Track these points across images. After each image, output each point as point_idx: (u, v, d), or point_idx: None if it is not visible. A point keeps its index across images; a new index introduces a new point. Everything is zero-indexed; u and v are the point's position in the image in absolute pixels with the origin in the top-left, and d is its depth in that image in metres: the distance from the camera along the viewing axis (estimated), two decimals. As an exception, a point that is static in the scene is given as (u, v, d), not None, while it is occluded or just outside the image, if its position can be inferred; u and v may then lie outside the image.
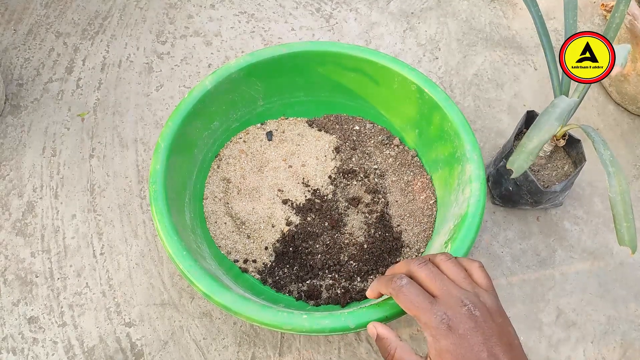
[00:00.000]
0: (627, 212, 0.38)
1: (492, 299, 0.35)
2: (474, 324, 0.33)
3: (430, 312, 0.33)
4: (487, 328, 0.33)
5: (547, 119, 0.41)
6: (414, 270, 0.36)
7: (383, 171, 0.57)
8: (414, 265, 0.36)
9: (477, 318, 0.33)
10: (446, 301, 0.33)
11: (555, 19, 0.75)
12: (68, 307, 0.51)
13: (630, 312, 0.54)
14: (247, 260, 0.52)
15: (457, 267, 0.36)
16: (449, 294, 0.34)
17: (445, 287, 0.34)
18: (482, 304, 0.34)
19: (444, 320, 0.33)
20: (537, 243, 0.57)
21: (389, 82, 0.54)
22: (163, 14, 0.72)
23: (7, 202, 0.56)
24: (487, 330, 0.33)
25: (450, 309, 0.33)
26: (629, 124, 0.66)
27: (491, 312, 0.34)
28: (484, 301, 0.34)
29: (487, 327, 0.33)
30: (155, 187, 0.45)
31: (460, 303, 0.33)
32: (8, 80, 0.64)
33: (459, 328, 0.32)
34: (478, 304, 0.34)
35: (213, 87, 0.51)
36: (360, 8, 0.75)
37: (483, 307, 0.34)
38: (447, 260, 0.36)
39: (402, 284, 0.35)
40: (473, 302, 0.34)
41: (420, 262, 0.36)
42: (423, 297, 0.34)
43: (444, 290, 0.34)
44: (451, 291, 0.34)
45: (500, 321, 0.34)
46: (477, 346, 0.32)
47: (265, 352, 0.50)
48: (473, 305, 0.33)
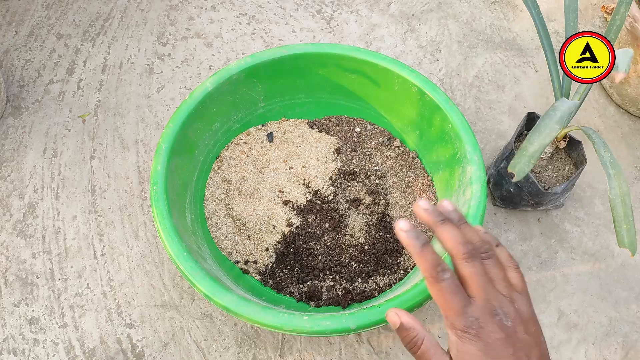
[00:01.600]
0: (627, 214, 0.38)
1: (526, 304, 0.34)
2: (504, 335, 0.32)
3: (462, 315, 0.32)
4: (518, 340, 0.32)
5: (548, 122, 0.41)
6: (459, 262, 0.34)
7: (384, 172, 0.57)
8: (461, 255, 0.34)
9: (509, 329, 0.32)
10: (481, 306, 0.32)
11: (555, 21, 0.75)
12: (69, 308, 0.51)
13: (632, 314, 0.54)
14: (248, 262, 0.52)
15: (498, 266, 0.35)
16: (485, 299, 0.33)
17: (483, 290, 0.33)
18: (516, 312, 0.33)
19: (474, 326, 0.32)
20: (538, 244, 0.57)
21: (390, 84, 0.55)
22: (164, 16, 0.72)
23: (8, 203, 0.56)
24: (517, 343, 0.32)
25: (482, 315, 0.32)
26: (629, 125, 0.66)
27: (524, 322, 0.33)
28: (519, 308, 0.33)
29: (517, 339, 0.32)
30: (156, 189, 0.45)
31: (493, 311, 0.32)
32: (9, 81, 0.65)
33: (489, 337, 0.31)
34: (512, 313, 0.32)
35: (214, 88, 0.51)
36: (361, 10, 0.75)
37: (516, 317, 0.33)
38: (489, 259, 0.35)
39: (443, 277, 0.33)
40: (506, 312, 0.32)
41: (469, 254, 0.34)
42: (459, 298, 0.32)
43: (482, 293, 0.33)
44: (488, 295, 0.33)
45: (533, 330, 0.33)
46: (505, 358, 0.31)
47: (266, 354, 0.50)
48: (505, 315, 0.32)
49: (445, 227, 0.35)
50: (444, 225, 0.35)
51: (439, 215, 0.35)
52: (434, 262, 0.33)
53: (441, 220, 0.35)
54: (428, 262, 0.33)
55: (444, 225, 0.35)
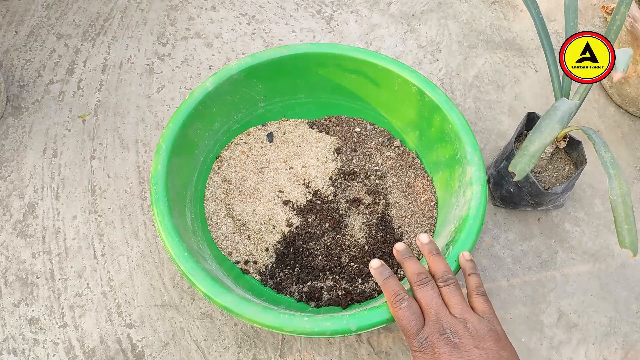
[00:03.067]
0: (628, 215, 0.38)
1: (483, 324, 0.37)
2: (451, 348, 0.35)
3: (414, 337, 0.36)
4: (465, 353, 0.35)
5: (549, 122, 0.41)
6: (414, 288, 0.39)
7: (384, 172, 0.57)
8: (414, 282, 0.39)
9: (456, 344, 0.36)
10: (431, 326, 0.37)
11: (555, 21, 0.75)
12: (69, 308, 0.51)
13: (632, 314, 0.54)
14: (248, 262, 0.52)
15: (456, 292, 0.39)
16: (435, 320, 0.37)
17: (434, 312, 0.37)
18: (467, 331, 0.36)
19: (424, 344, 0.36)
20: (538, 244, 0.57)
21: (390, 84, 0.54)
22: (164, 16, 0.72)
23: (8, 203, 0.56)
24: (464, 355, 0.35)
25: (432, 334, 0.36)
26: (629, 125, 0.66)
27: (477, 338, 0.36)
28: (471, 328, 0.36)
29: (465, 351, 0.35)
30: (157, 189, 0.45)
31: (441, 330, 0.36)
32: (9, 81, 0.65)
33: (435, 351, 0.35)
34: (461, 331, 0.36)
35: (214, 88, 0.51)
36: (361, 10, 0.75)
37: (465, 334, 0.36)
38: (447, 286, 0.39)
39: (401, 305, 0.38)
40: (454, 331, 0.36)
41: (421, 281, 0.39)
42: (413, 324, 0.37)
43: (432, 315, 0.37)
44: (439, 317, 0.37)
45: (487, 345, 0.36)
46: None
47: (266, 354, 0.50)
48: (453, 334, 0.36)
49: (408, 261, 0.41)
50: (408, 260, 0.42)
51: (406, 253, 0.43)
52: (394, 292, 0.39)
53: (407, 257, 0.42)
54: (389, 292, 0.39)
55: (407, 260, 0.42)
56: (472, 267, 0.42)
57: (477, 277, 0.41)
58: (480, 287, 0.40)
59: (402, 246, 0.43)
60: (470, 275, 0.41)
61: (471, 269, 0.41)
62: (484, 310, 0.38)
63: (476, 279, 0.41)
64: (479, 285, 0.40)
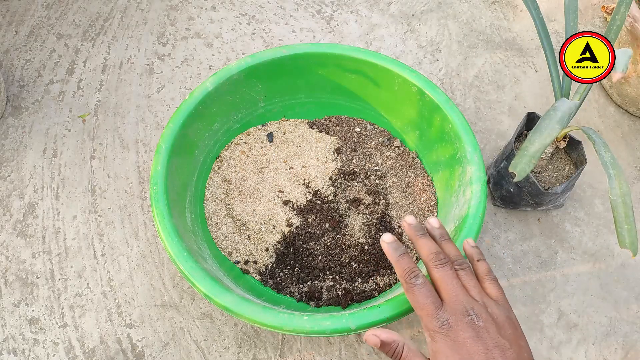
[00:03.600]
0: (628, 215, 0.38)
1: (501, 310, 0.35)
2: (475, 333, 0.33)
3: (433, 317, 0.34)
4: (490, 339, 0.33)
5: (549, 123, 0.41)
6: (431, 268, 0.37)
7: (384, 172, 0.57)
8: (432, 262, 0.37)
9: (480, 328, 0.33)
10: (452, 307, 0.34)
11: (555, 21, 0.75)
12: (69, 308, 0.51)
13: (632, 314, 0.54)
14: (248, 262, 0.52)
15: (472, 277, 0.37)
16: (456, 301, 0.34)
17: (455, 294, 0.35)
18: (489, 315, 0.34)
19: (445, 326, 0.33)
20: (538, 244, 0.57)
21: (390, 84, 0.55)
22: (164, 16, 0.72)
23: (8, 203, 0.56)
24: (489, 342, 0.33)
25: (453, 315, 0.34)
26: (629, 125, 0.66)
27: (498, 324, 0.34)
28: (492, 312, 0.34)
29: (489, 338, 0.33)
30: (156, 189, 0.45)
31: (464, 312, 0.34)
32: (9, 81, 0.65)
33: (458, 335, 0.33)
34: (484, 314, 0.34)
35: (214, 88, 0.51)
36: (361, 10, 0.75)
37: (489, 319, 0.34)
38: (462, 269, 0.37)
39: (416, 282, 0.35)
40: (478, 313, 0.34)
41: (439, 261, 0.37)
42: (431, 301, 0.35)
43: (452, 296, 0.35)
44: (459, 298, 0.35)
45: (509, 334, 0.34)
46: (477, 355, 0.32)
47: (266, 354, 0.50)
48: (477, 316, 0.34)
49: (422, 239, 0.38)
50: (422, 238, 0.38)
51: (420, 229, 0.39)
52: (408, 269, 0.36)
53: (421, 233, 0.39)
54: (403, 269, 0.36)
55: (422, 238, 0.38)
56: (479, 252, 0.40)
57: (486, 262, 0.39)
58: (491, 273, 0.38)
59: (415, 220, 0.39)
60: (478, 262, 0.39)
61: (478, 255, 0.40)
62: (499, 296, 0.37)
63: (485, 265, 0.39)
64: (489, 271, 0.38)
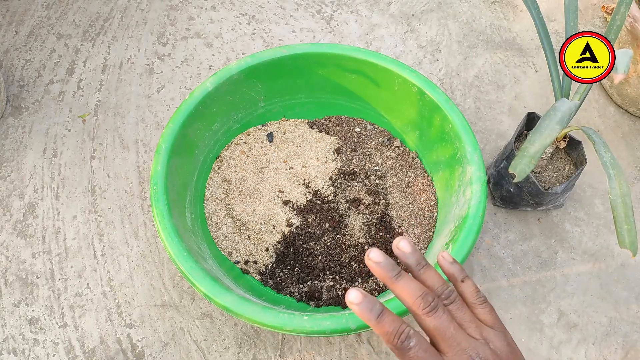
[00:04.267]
0: (628, 215, 0.38)
1: (501, 339, 0.33)
2: None
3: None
4: None
5: (549, 123, 0.41)
6: (422, 318, 0.32)
7: (384, 172, 0.57)
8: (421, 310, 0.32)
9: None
10: (457, 358, 0.31)
11: (555, 21, 0.75)
12: (69, 308, 0.51)
13: (632, 314, 0.54)
14: (248, 262, 0.52)
15: (463, 308, 0.33)
16: (459, 351, 0.31)
17: (456, 343, 0.31)
18: (493, 352, 0.32)
19: None
20: (538, 244, 0.57)
21: (390, 84, 0.54)
22: (164, 16, 0.72)
23: (8, 203, 0.56)
24: None
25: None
26: (629, 125, 0.66)
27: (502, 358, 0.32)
28: (495, 348, 0.32)
29: None
30: (156, 189, 0.45)
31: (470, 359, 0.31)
32: (9, 81, 0.65)
33: None
34: (488, 354, 0.31)
35: (214, 88, 0.51)
36: (361, 10, 0.75)
37: (494, 356, 0.32)
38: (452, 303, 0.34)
39: (409, 345, 0.31)
40: (483, 357, 0.31)
41: (429, 307, 0.32)
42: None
43: (453, 347, 0.31)
44: (461, 346, 0.31)
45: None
46: None
47: (266, 354, 0.50)
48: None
49: (400, 282, 0.33)
50: (399, 280, 0.32)
51: (393, 269, 0.33)
52: (394, 331, 0.31)
53: (395, 275, 0.33)
54: (387, 332, 0.31)
55: (398, 281, 0.32)
56: (460, 269, 0.36)
57: (470, 281, 0.35)
58: (479, 293, 0.35)
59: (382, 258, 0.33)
60: (463, 282, 0.35)
61: (460, 273, 0.35)
62: (494, 321, 0.34)
63: (471, 285, 0.35)
64: (477, 292, 0.35)
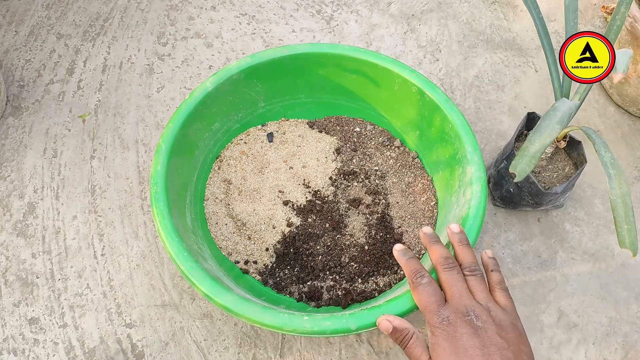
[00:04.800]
0: (628, 215, 0.38)
1: (506, 316, 0.37)
2: (472, 330, 0.35)
3: (435, 313, 0.36)
4: (487, 337, 0.35)
5: (549, 123, 0.41)
6: (439, 270, 0.39)
7: (384, 172, 0.57)
8: (440, 265, 0.39)
9: (478, 327, 0.35)
10: (454, 307, 0.36)
11: (555, 21, 0.75)
12: (69, 308, 0.51)
13: (632, 314, 0.54)
14: (248, 262, 0.52)
15: (481, 282, 0.39)
16: (459, 302, 0.37)
17: (459, 295, 0.37)
18: (490, 317, 0.36)
19: (444, 322, 0.35)
20: (538, 244, 0.57)
21: (390, 84, 0.55)
22: (164, 16, 0.72)
23: (8, 203, 0.56)
24: (486, 340, 0.34)
25: (454, 313, 0.36)
26: (629, 125, 0.66)
27: (499, 326, 0.35)
28: (494, 315, 0.36)
29: (486, 336, 0.35)
30: (156, 189, 0.45)
31: (465, 312, 0.36)
32: (9, 81, 0.65)
33: (457, 331, 0.35)
34: (484, 316, 0.36)
35: (214, 88, 0.51)
36: (361, 10, 0.75)
37: (489, 320, 0.36)
38: (473, 275, 0.39)
39: (421, 282, 0.38)
40: (477, 314, 0.36)
41: (447, 264, 0.39)
42: (434, 299, 0.37)
43: (456, 297, 0.37)
44: (462, 300, 0.37)
45: (509, 337, 0.35)
46: (472, 350, 0.34)
47: (266, 354, 0.50)
48: (476, 317, 0.36)
49: (435, 245, 0.41)
50: (435, 244, 0.41)
51: (433, 237, 0.42)
52: (415, 270, 0.39)
53: (434, 240, 0.42)
54: (410, 269, 0.39)
55: (435, 244, 0.41)
56: (495, 264, 0.42)
57: (500, 273, 0.41)
58: (502, 283, 0.40)
59: (430, 230, 0.43)
60: (492, 272, 0.41)
61: (494, 266, 0.41)
62: (507, 304, 0.38)
63: (499, 275, 0.41)
64: (501, 281, 0.40)
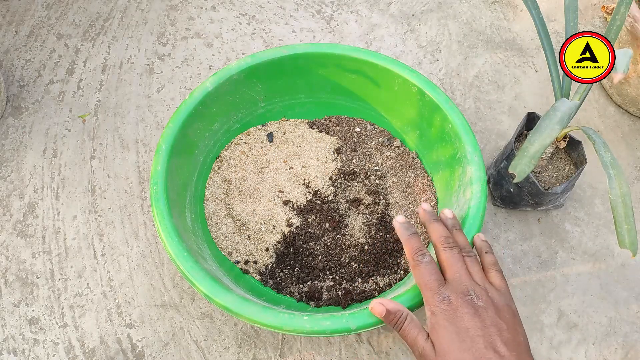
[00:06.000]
0: (628, 215, 0.38)
1: (502, 297, 0.37)
2: (473, 310, 0.35)
3: (435, 292, 0.36)
4: (487, 318, 0.35)
5: (549, 123, 0.41)
6: (440, 249, 0.39)
7: (384, 172, 0.57)
8: (441, 244, 0.39)
9: (479, 307, 0.35)
10: (454, 286, 0.36)
11: (555, 21, 0.75)
12: (69, 308, 0.51)
13: (632, 314, 0.54)
14: (248, 262, 0.52)
15: (477, 265, 0.39)
16: (459, 281, 0.36)
17: (458, 274, 0.37)
18: (489, 298, 0.36)
19: (445, 301, 0.35)
20: (538, 244, 0.57)
21: (390, 84, 0.55)
22: (164, 16, 0.72)
23: (8, 203, 0.56)
24: (486, 320, 0.34)
25: (454, 293, 0.36)
26: (629, 125, 0.66)
27: (497, 307, 0.36)
28: (492, 297, 0.36)
29: (487, 316, 0.35)
30: (156, 189, 0.45)
31: (465, 291, 0.36)
32: (9, 81, 0.65)
33: (458, 311, 0.35)
34: (484, 296, 0.36)
35: (214, 88, 0.51)
36: (361, 10, 0.75)
37: (488, 301, 0.36)
38: (469, 257, 0.39)
39: (422, 260, 0.38)
40: (478, 294, 0.36)
41: (448, 244, 0.39)
42: (434, 278, 0.37)
43: (456, 276, 0.37)
44: (462, 279, 0.37)
45: (507, 318, 0.35)
46: (473, 330, 0.34)
47: (266, 354, 0.50)
48: (477, 297, 0.36)
49: (435, 224, 0.41)
50: (435, 223, 0.41)
51: (433, 215, 0.42)
52: (417, 248, 0.39)
53: (434, 219, 0.41)
54: (412, 247, 0.39)
55: (435, 223, 0.41)
56: (488, 246, 0.42)
57: (493, 255, 0.41)
58: (496, 265, 0.40)
59: (430, 207, 0.43)
60: (487, 254, 0.41)
61: (487, 248, 0.42)
62: (501, 285, 0.38)
63: (492, 257, 0.41)
64: (495, 263, 0.40)
